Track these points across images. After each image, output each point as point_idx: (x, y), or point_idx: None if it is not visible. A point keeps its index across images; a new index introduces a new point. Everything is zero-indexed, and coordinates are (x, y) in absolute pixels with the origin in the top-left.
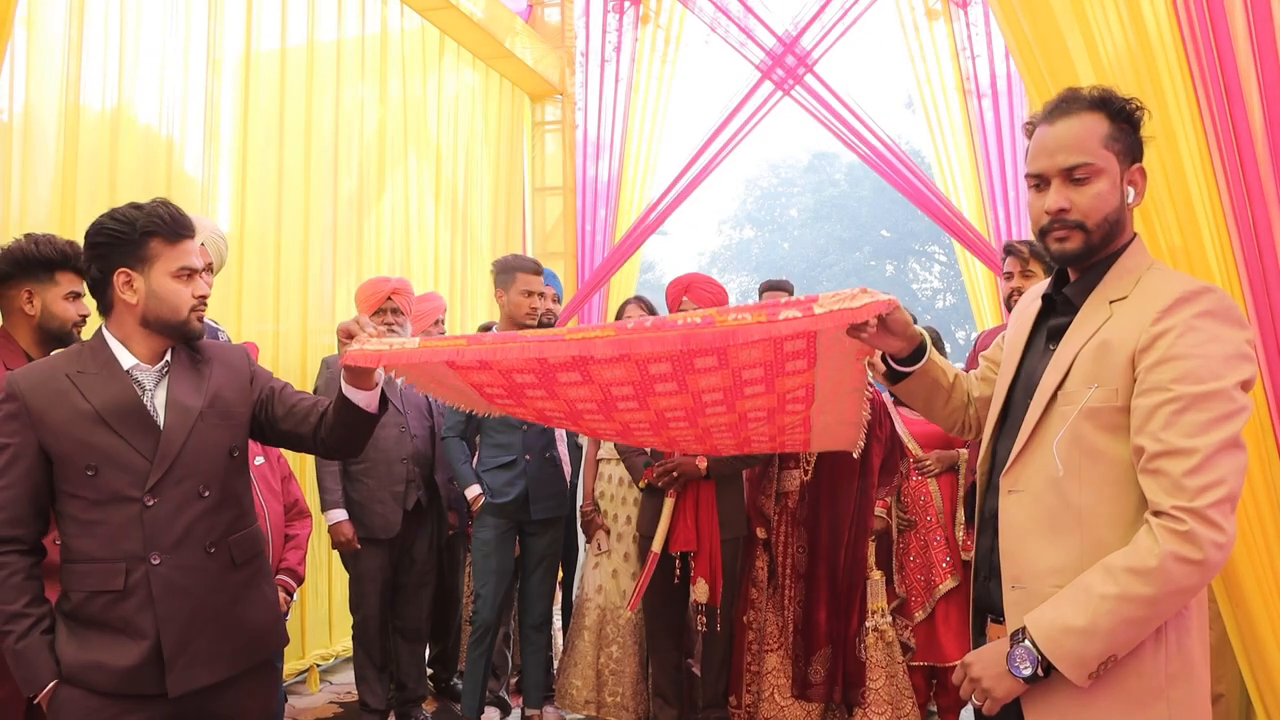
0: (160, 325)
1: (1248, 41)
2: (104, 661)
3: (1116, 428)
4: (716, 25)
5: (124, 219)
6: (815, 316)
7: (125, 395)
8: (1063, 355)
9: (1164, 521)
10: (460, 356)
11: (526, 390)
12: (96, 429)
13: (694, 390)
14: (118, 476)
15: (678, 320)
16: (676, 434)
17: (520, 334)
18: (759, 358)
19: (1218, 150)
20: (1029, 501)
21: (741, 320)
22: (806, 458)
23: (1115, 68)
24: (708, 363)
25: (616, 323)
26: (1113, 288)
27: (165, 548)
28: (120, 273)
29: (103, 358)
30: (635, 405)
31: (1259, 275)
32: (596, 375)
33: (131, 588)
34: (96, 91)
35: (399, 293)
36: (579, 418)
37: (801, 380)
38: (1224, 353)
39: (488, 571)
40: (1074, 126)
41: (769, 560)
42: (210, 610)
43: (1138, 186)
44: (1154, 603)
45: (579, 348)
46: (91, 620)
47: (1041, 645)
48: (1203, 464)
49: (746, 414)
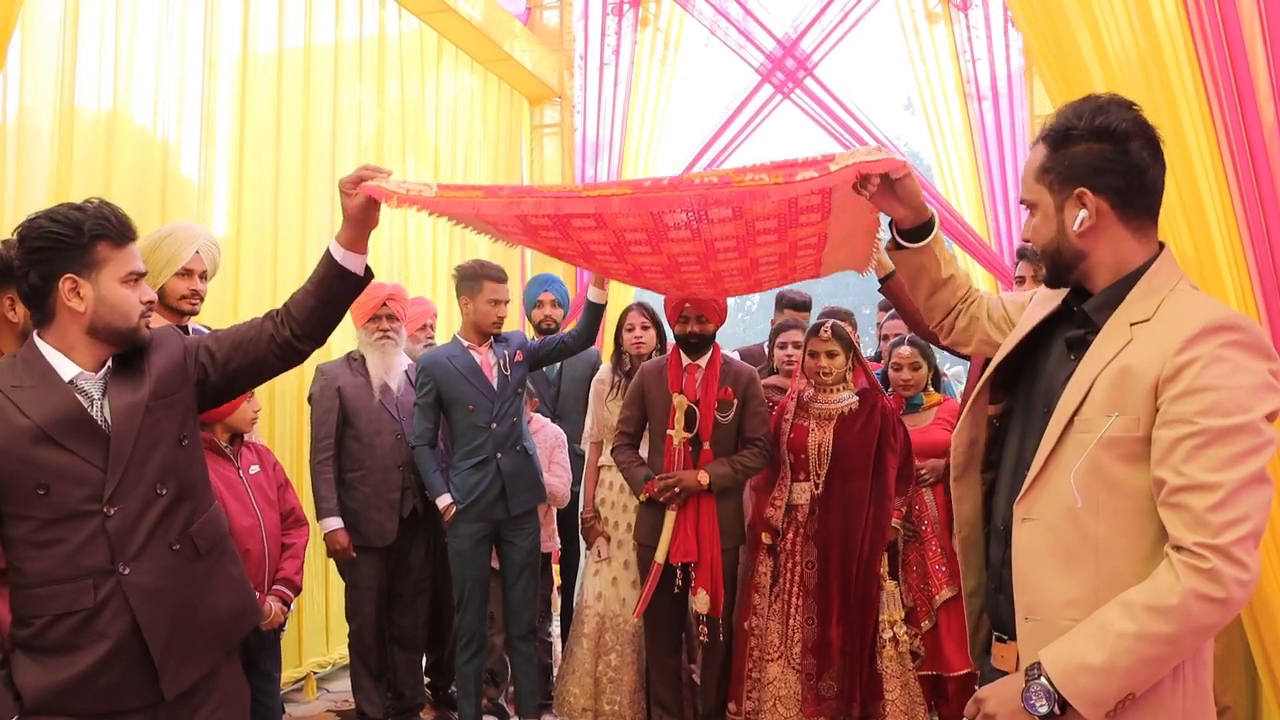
0: (109, 333)
1: (1259, 38)
2: (85, 682)
3: (1137, 458)
4: (716, 28)
5: (67, 221)
6: (831, 174)
7: (68, 407)
8: (1082, 377)
9: (1186, 558)
10: (477, 208)
11: (541, 231)
12: (41, 446)
13: (707, 238)
14: (72, 492)
15: (695, 180)
16: (688, 277)
17: (537, 187)
18: (773, 209)
19: (1229, 154)
20: (1043, 530)
21: (759, 181)
22: (817, 470)
23: (1124, 68)
24: (722, 213)
25: (632, 180)
26: (1135, 309)
27: (132, 555)
28: (66, 279)
29: (38, 369)
30: (648, 250)
31: (1273, 285)
32: (611, 222)
33: (102, 602)
34: (92, 93)
35: (394, 298)
36: (591, 257)
37: (815, 230)
38: (1251, 384)
39: (465, 580)
40: (1029, 160)
41: (773, 566)
42: (187, 607)
43: (1089, 209)
44: (1174, 641)
45: (595, 205)
46: (59, 644)
47: (1057, 683)
48: (1227, 499)
49: (758, 259)
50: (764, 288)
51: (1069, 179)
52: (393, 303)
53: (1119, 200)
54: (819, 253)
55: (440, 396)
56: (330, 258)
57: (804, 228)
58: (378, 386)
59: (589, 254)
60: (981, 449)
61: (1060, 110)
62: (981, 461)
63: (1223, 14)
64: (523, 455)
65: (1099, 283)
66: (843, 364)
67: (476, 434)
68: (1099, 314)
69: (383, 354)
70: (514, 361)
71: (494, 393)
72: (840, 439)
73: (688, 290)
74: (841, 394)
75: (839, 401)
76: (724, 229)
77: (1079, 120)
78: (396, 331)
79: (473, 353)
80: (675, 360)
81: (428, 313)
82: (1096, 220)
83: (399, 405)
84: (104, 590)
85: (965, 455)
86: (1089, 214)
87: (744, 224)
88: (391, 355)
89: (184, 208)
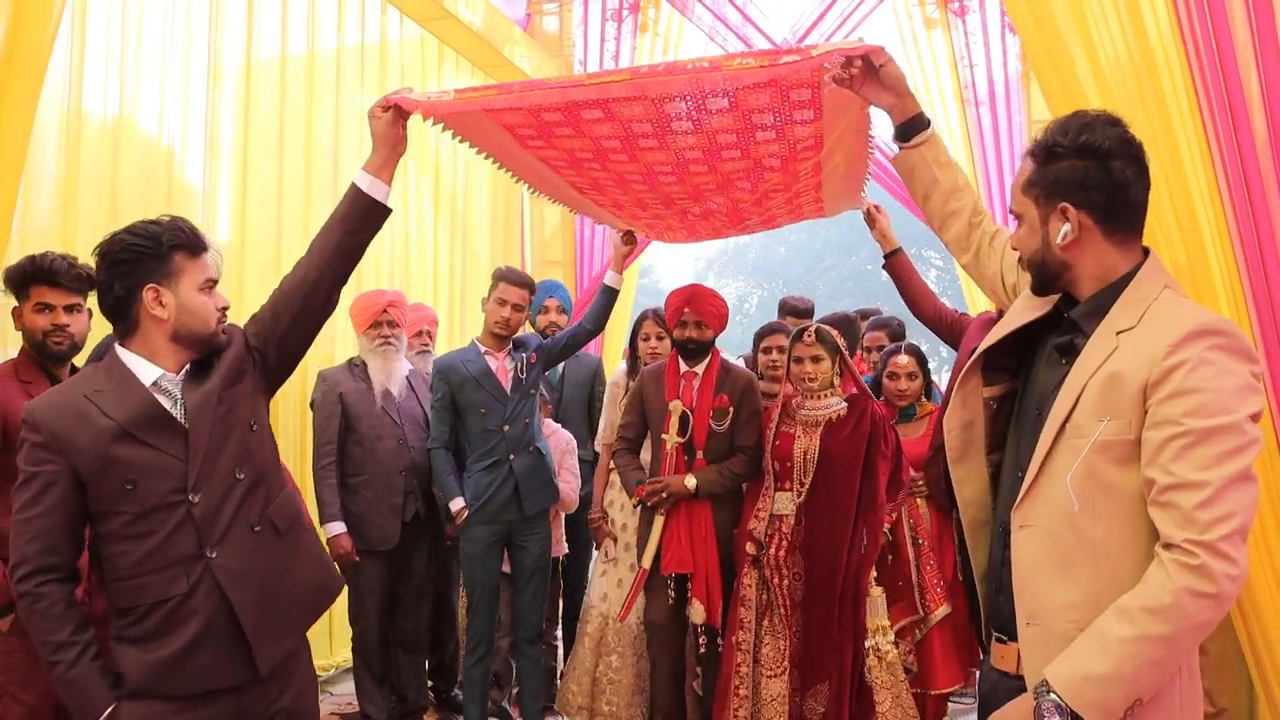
0: (190, 338)
1: (1251, 50)
2: (179, 662)
3: (1129, 460)
4: (715, 34)
5: (147, 234)
6: (812, 59)
7: (145, 405)
8: (1071, 385)
9: (1176, 555)
10: (492, 104)
11: (555, 129)
12: (122, 443)
13: (708, 130)
14: (157, 485)
15: (687, 65)
16: (700, 182)
17: (543, 80)
18: (769, 103)
19: (1221, 163)
20: (1040, 536)
21: (746, 65)
22: (801, 478)
23: (1118, 79)
24: (720, 104)
25: (631, 67)
26: (1120, 318)
27: (217, 540)
28: (149, 288)
29: (117, 375)
30: (655, 144)
31: (1264, 291)
32: (617, 112)
33: (194, 587)
34: (98, 101)
35: (395, 305)
36: (606, 157)
37: (810, 130)
38: (1234, 386)
39: (475, 584)
40: (1018, 173)
41: (758, 579)
42: (272, 585)
43: (1072, 223)
44: (1173, 641)
45: (597, 91)
46: (156, 630)
47: (1066, 697)
48: (1214, 497)
49: (761, 160)
50: (776, 222)
51: (1053, 193)
52: (393, 309)
53: (1101, 215)
54: (817, 154)
55: (454, 400)
56: (356, 189)
57: (801, 125)
58: (379, 392)
59: (603, 153)
60: (982, 430)
61: (1049, 125)
62: (985, 443)
63: (1215, 26)
64: (536, 455)
65: (1084, 291)
66: (829, 369)
67: (489, 437)
68: (1087, 321)
69: (384, 360)
70: (529, 364)
71: (506, 396)
72: (827, 445)
73: (703, 200)
74: (829, 400)
75: (826, 408)
76: (723, 120)
77: (1064, 137)
78: (397, 338)
79: (487, 357)
80: (673, 367)
81: (425, 319)
82: (1079, 234)
83: (400, 410)
84: (194, 575)
85: (962, 438)
86: (1071, 228)
87: (741, 115)
88: (393, 361)
89: (188, 214)
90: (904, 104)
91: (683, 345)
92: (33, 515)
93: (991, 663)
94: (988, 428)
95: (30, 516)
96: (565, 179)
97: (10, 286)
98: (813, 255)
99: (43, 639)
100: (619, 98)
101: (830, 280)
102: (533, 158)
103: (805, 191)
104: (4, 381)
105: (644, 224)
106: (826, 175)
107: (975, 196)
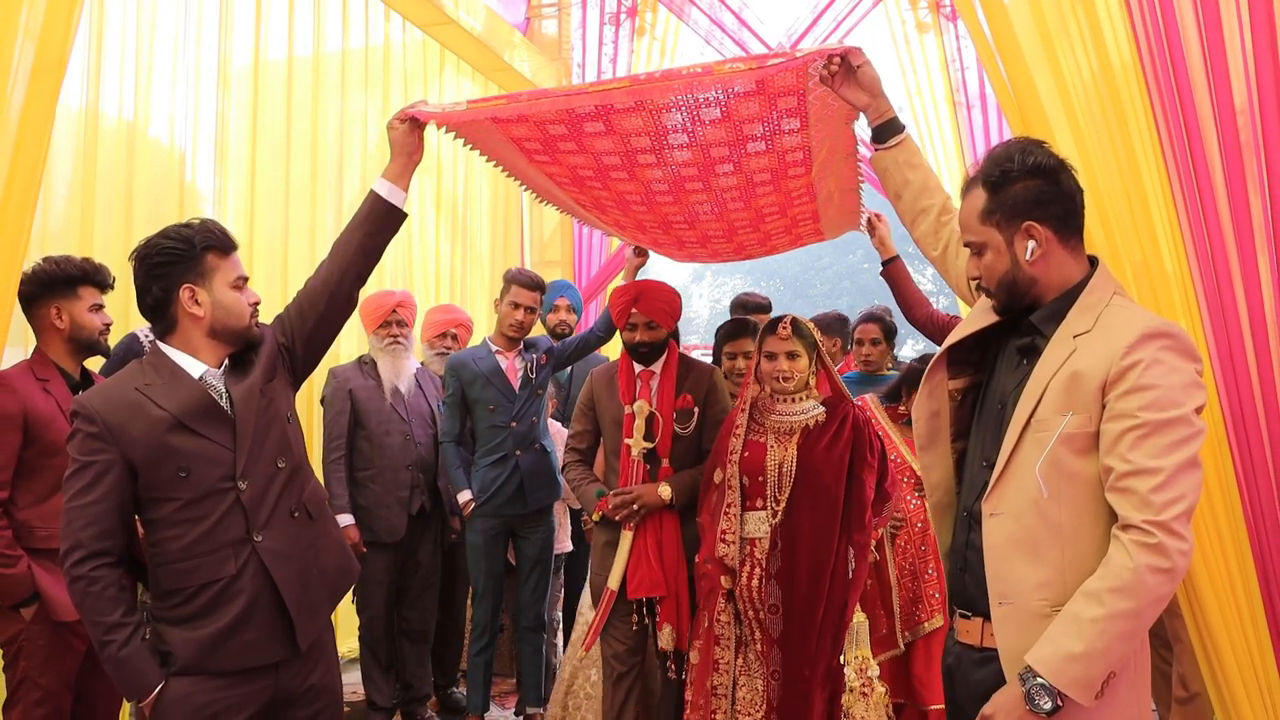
0: (226, 334)
1: (1203, 71)
2: (226, 637)
3: (1089, 450)
4: (711, 38)
5: (180, 237)
6: (796, 59)
7: (198, 397)
8: (1034, 384)
9: (1135, 536)
10: (500, 113)
11: (559, 143)
12: (176, 433)
13: (703, 144)
14: (209, 472)
15: (681, 71)
16: (695, 201)
17: (550, 89)
18: (758, 112)
19: (1176, 173)
20: (1009, 522)
21: (736, 68)
22: (776, 495)
23: (1081, 98)
24: (713, 114)
25: (629, 76)
26: (1076, 323)
27: (262, 524)
28: (185, 288)
29: (166, 368)
30: (654, 160)
31: (1213, 288)
32: (618, 125)
33: (241, 569)
34: (114, 105)
35: (403, 305)
36: (606, 174)
37: (798, 141)
38: (1183, 382)
39: (480, 574)
40: (966, 206)
41: (734, 615)
42: (308, 566)
43: (1038, 239)
44: (1138, 615)
45: (600, 98)
46: (203, 609)
47: (1050, 678)
48: (1167, 481)
49: (753, 175)
50: (774, 245)
51: (1014, 215)
52: (402, 309)
53: (1059, 226)
54: (808, 173)
55: (464, 396)
56: (375, 195)
57: (788, 135)
58: (388, 389)
59: (603, 169)
60: (947, 420)
61: (986, 158)
62: (950, 431)
63: (1170, 50)
64: (541, 453)
65: (1047, 299)
66: (806, 368)
67: (497, 433)
68: (1046, 324)
69: (393, 358)
70: (539, 365)
71: (514, 395)
72: (805, 457)
73: (697, 218)
74: (805, 403)
75: (802, 413)
76: (715, 133)
77: (1011, 162)
78: (406, 337)
79: (498, 356)
80: (626, 368)
81: (453, 321)
82: (1045, 248)
83: (408, 407)
84: (242, 557)
85: (929, 426)
86: (1038, 243)
87: (733, 126)
88: (401, 359)
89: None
90: (878, 104)
91: (634, 349)
92: (87, 502)
93: (956, 636)
94: (952, 417)
95: (84, 503)
96: (569, 195)
97: (56, 285)
98: (809, 254)
99: (95, 620)
100: (620, 107)
101: (827, 279)
102: (538, 172)
103: (803, 220)
104: (23, 380)
105: (645, 244)
106: (821, 203)
107: (945, 196)
